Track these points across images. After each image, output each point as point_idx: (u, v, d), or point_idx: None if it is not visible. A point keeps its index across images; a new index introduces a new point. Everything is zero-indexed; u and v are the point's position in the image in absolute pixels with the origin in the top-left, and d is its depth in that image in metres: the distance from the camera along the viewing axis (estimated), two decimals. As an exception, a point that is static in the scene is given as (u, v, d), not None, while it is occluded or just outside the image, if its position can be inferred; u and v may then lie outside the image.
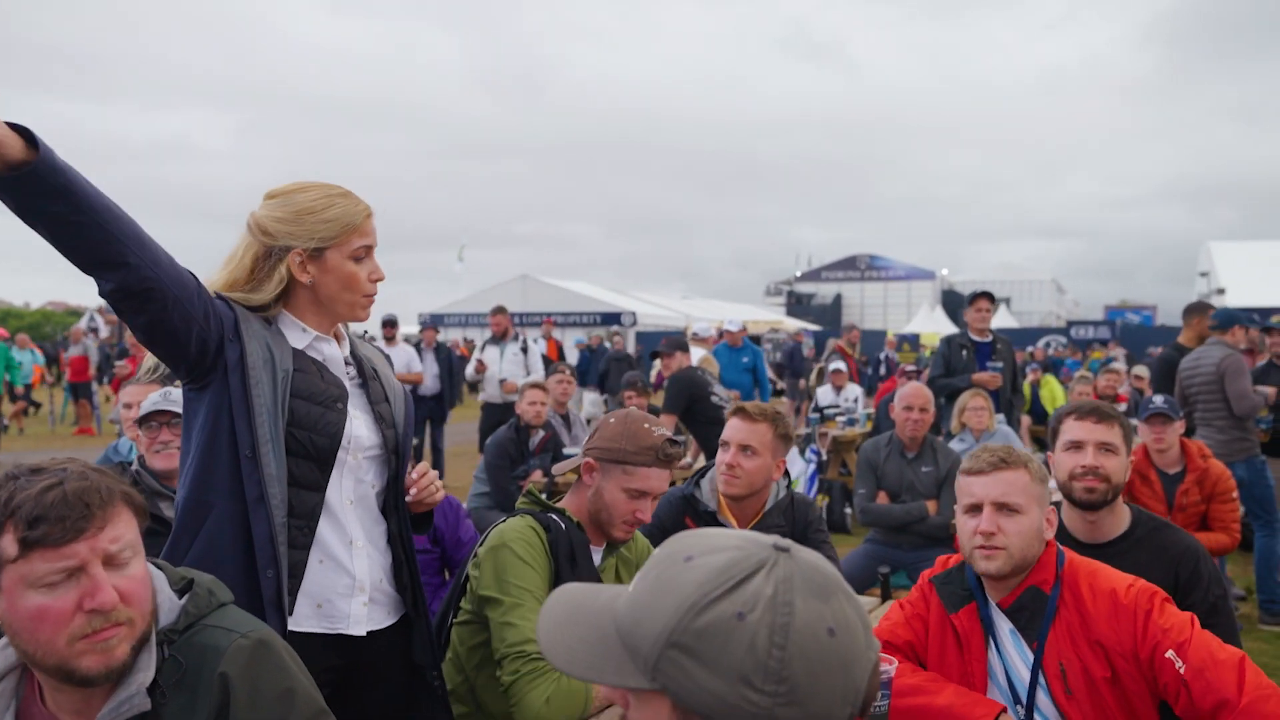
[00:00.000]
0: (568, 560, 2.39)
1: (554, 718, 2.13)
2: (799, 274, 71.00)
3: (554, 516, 2.46)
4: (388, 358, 2.57)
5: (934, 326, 37.79)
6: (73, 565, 1.44)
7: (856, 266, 69.28)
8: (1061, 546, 2.33)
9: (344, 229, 2.12)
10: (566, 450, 6.63)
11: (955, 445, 6.42)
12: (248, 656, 1.61)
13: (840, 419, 9.31)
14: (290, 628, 2.09)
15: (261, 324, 2.12)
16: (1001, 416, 6.78)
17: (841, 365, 10.71)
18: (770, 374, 27.66)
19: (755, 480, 3.07)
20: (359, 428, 2.22)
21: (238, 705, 1.56)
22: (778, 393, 26.43)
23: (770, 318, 39.30)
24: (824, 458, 8.47)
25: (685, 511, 3.19)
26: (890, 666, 2.14)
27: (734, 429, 3.08)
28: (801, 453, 9.38)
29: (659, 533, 3.17)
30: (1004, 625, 2.26)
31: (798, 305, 61.73)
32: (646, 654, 0.95)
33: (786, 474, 3.29)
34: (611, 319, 32.54)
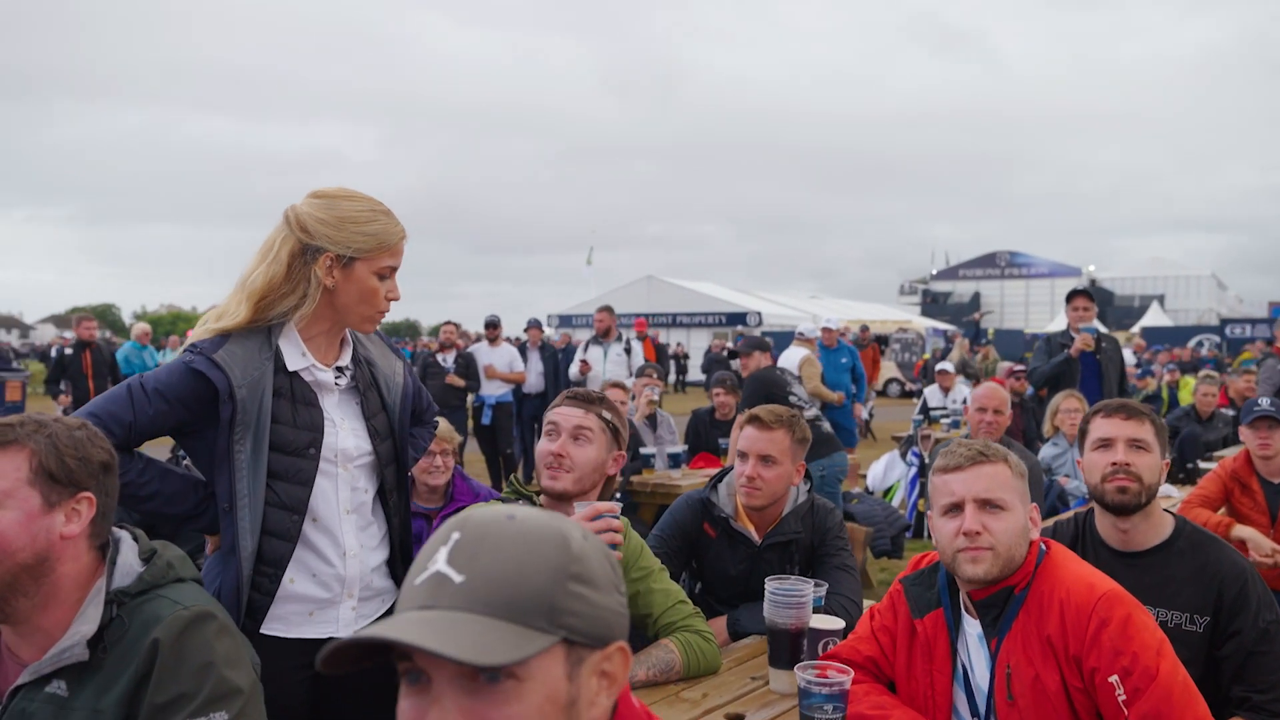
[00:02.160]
0: None
1: None
2: (934, 272, 68.89)
3: (522, 502, 2.46)
4: (466, 356, 2.65)
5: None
6: None
7: (996, 264, 66.73)
8: (1046, 541, 2.13)
9: (379, 245, 2.14)
10: (644, 450, 6.58)
11: (1048, 451, 6.05)
12: (181, 627, 1.68)
13: (945, 420, 8.94)
14: (284, 634, 2.17)
15: (255, 353, 2.12)
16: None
17: (949, 366, 10.29)
18: (898, 375, 27.04)
19: (777, 489, 2.93)
20: (345, 439, 2.23)
21: (159, 670, 1.64)
22: (906, 394, 25.74)
23: (900, 317, 38.22)
24: (927, 460, 8.14)
25: (704, 517, 3.06)
26: (845, 676, 2.01)
27: (750, 438, 2.94)
28: (903, 456, 9.05)
29: (679, 536, 3.07)
30: (972, 628, 2.09)
31: (932, 304, 59.91)
32: (541, 606, 0.99)
33: (808, 476, 3.13)
34: (736, 319, 32.34)
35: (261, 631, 2.13)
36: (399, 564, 2.37)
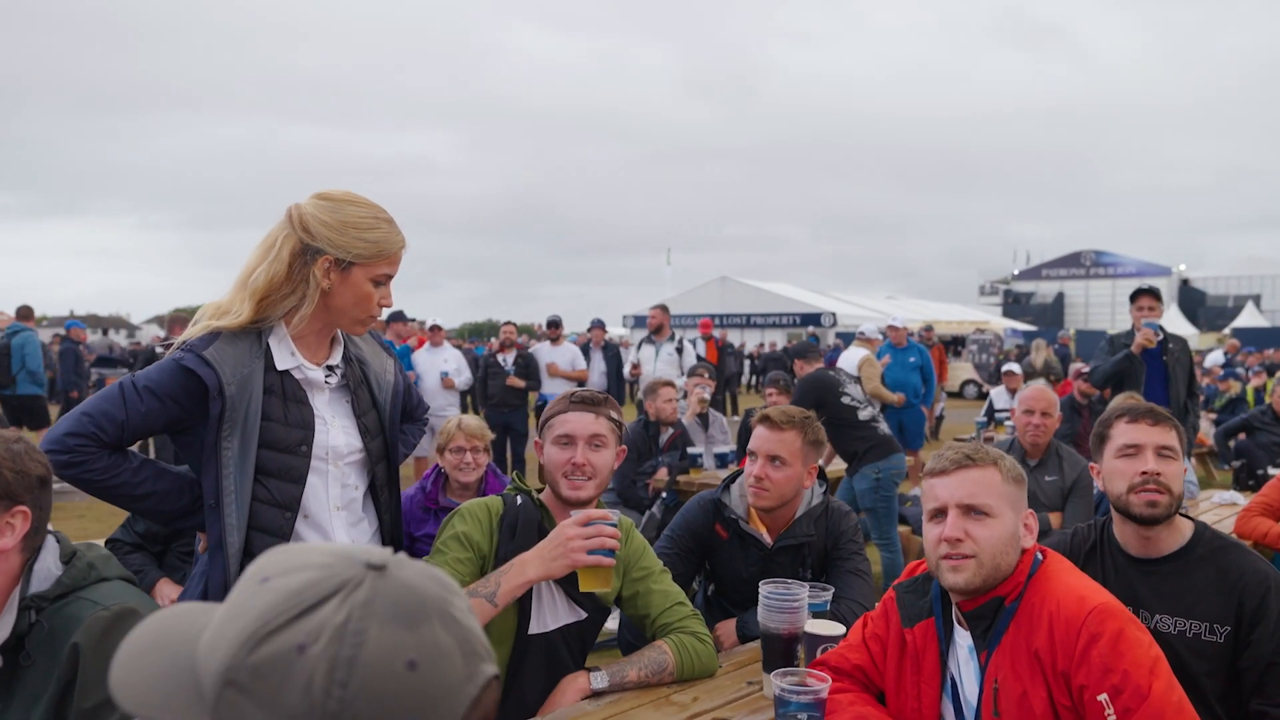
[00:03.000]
0: (509, 532, 2.38)
1: None
2: (1016, 272, 67.01)
3: (520, 498, 2.46)
4: (526, 356, 2.65)
5: (1169, 326, 34.58)
6: None
7: (1081, 263, 64.62)
8: (1044, 550, 2.02)
9: (378, 253, 2.14)
10: (692, 450, 6.51)
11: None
12: (102, 628, 1.64)
13: (1009, 423, 8.67)
14: None
15: (246, 353, 2.12)
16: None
17: (1015, 367, 9.97)
18: (975, 376, 26.34)
19: (785, 491, 2.86)
20: (335, 437, 2.23)
21: (83, 675, 1.60)
22: (982, 395, 25.03)
23: (979, 317, 37.28)
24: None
25: (715, 519, 3.01)
26: (822, 685, 1.93)
27: (760, 438, 2.87)
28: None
29: (689, 536, 3.02)
30: (963, 640, 1.99)
31: (1014, 305, 58.32)
32: (207, 694, 0.81)
33: (823, 479, 3.05)
34: (811, 319, 31.93)
35: None
36: None
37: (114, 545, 3.37)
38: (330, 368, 2.27)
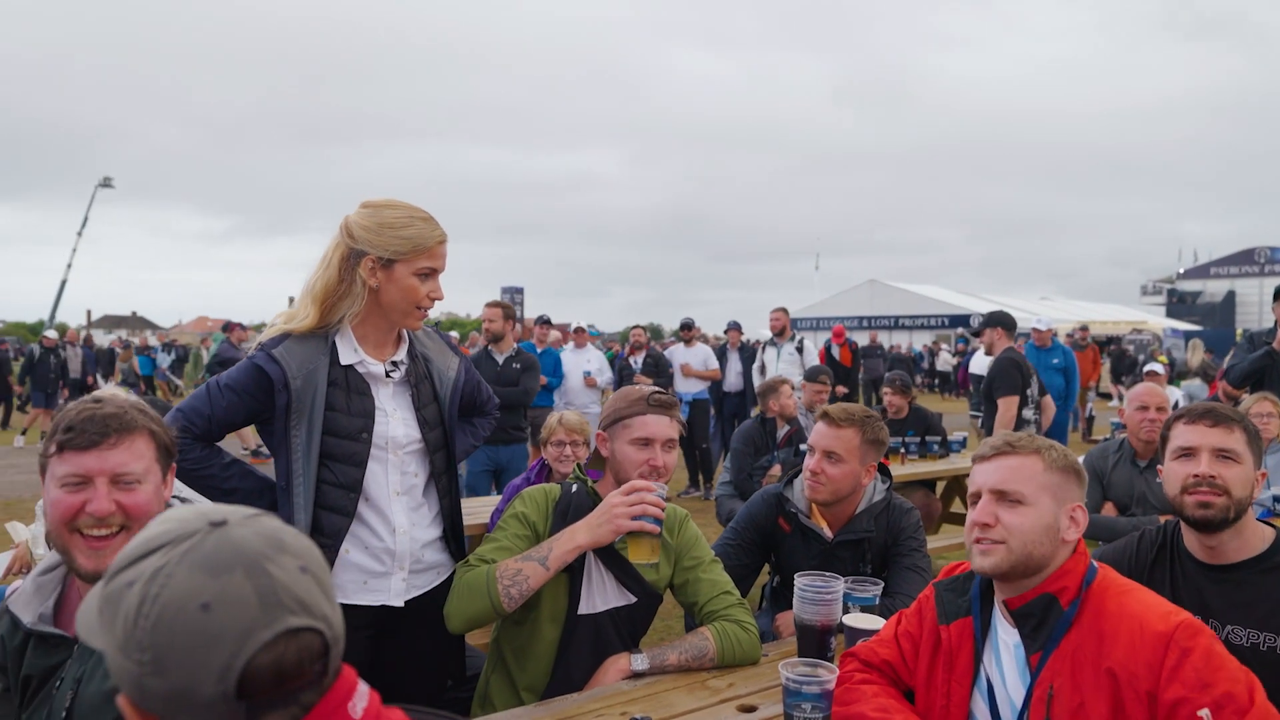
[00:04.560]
0: (561, 516, 2.40)
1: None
2: (1181, 271, 62.11)
3: (575, 486, 2.49)
4: (656, 356, 2.71)
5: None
6: (82, 475, 1.67)
7: (1254, 260, 59.21)
8: (1097, 563, 1.86)
9: (414, 248, 2.22)
10: (804, 447, 6.36)
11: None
12: None
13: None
14: (341, 601, 2.25)
15: (313, 350, 2.24)
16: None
17: (1158, 367, 9.26)
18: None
19: (841, 487, 2.76)
20: (395, 428, 2.32)
21: None
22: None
23: (1138, 318, 34.82)
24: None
25: (778, 512, 2.94)
26: (829, 676, 1.86)
27: (818, 433, 2.79)
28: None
29: (752, 528, 2.97)
30: (1009, 637, 1.86)
31: (1179, 304, 54.07)
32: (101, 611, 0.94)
33: (887, 476, 2.92)
34: (959, 321, 30.72)
35: None
36: (451, 540, 2.44)
37: None
38: (394, 363, 2.35)
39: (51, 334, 16.34)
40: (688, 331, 10.20)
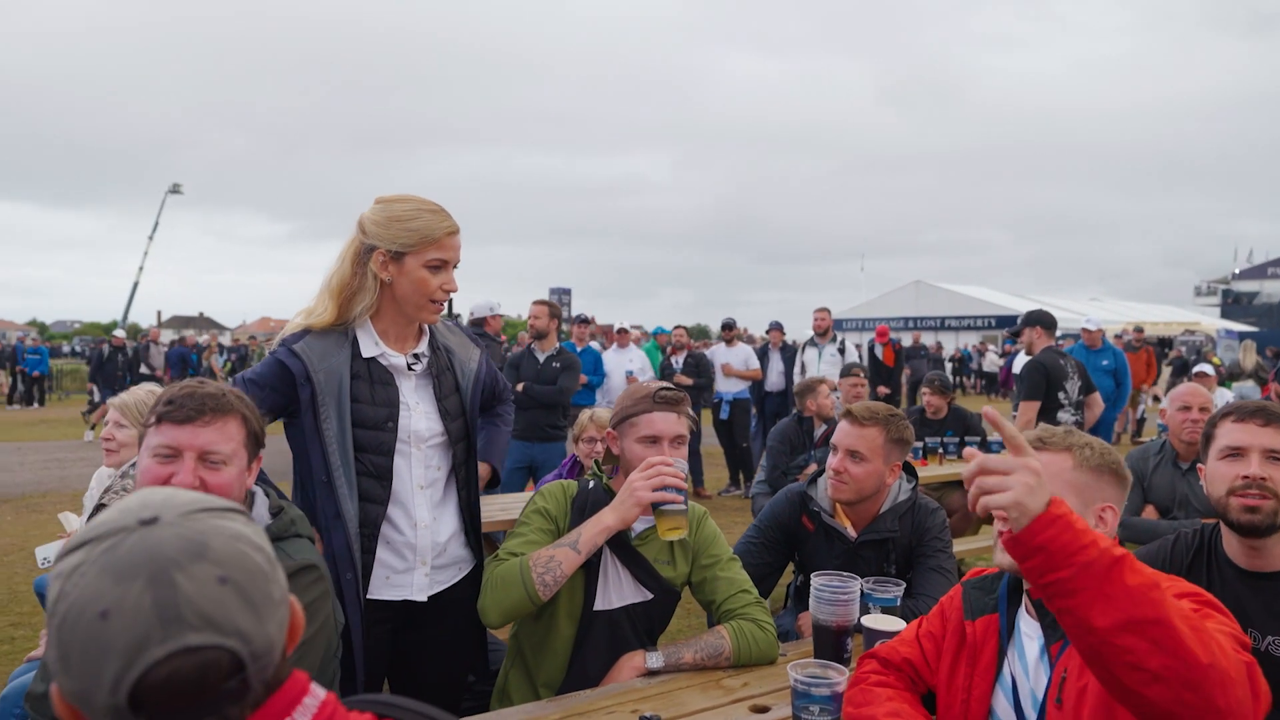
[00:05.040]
0: (578, 512, 2.37)
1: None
2: (1237, 271, 60.16)
3: (592, 483, 2.45)
4: (697, 356, 2.71)
5: None
6: (173, 447, 1.75)
7: (1314, 261, 57.22)
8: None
9: (421, 240, 2.21)
10: (841, 446, 6.25)
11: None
12: (288, 575, 1.78)
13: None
14: (368, 596, 2.27)
15: (333, 345, 2.24)
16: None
17: (1208, 368, 8.95)
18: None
19: (864, 486, 2.68)
20: (418, 421, 2.31)
21: None
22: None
23: (1191, 319, 33.80)
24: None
25: (802, 511, 2.87)
26: (840, 679, 1.80)
27: (842, 432, 2.72)
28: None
29: (775, 526, 2.90)
30: (1033, 632, 1.79)
31: (1234, 305, 52.38)
32: None
33: (913, 476, 2.83)
34: (1005, 322, 30.09)
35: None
36: (469, 533, 2.42)
37: None
38: (415, 355, 2.34)
39: (120, 333, 16.84)
40: (729, 332, 10.13)
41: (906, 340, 21.90)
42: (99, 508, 2.96)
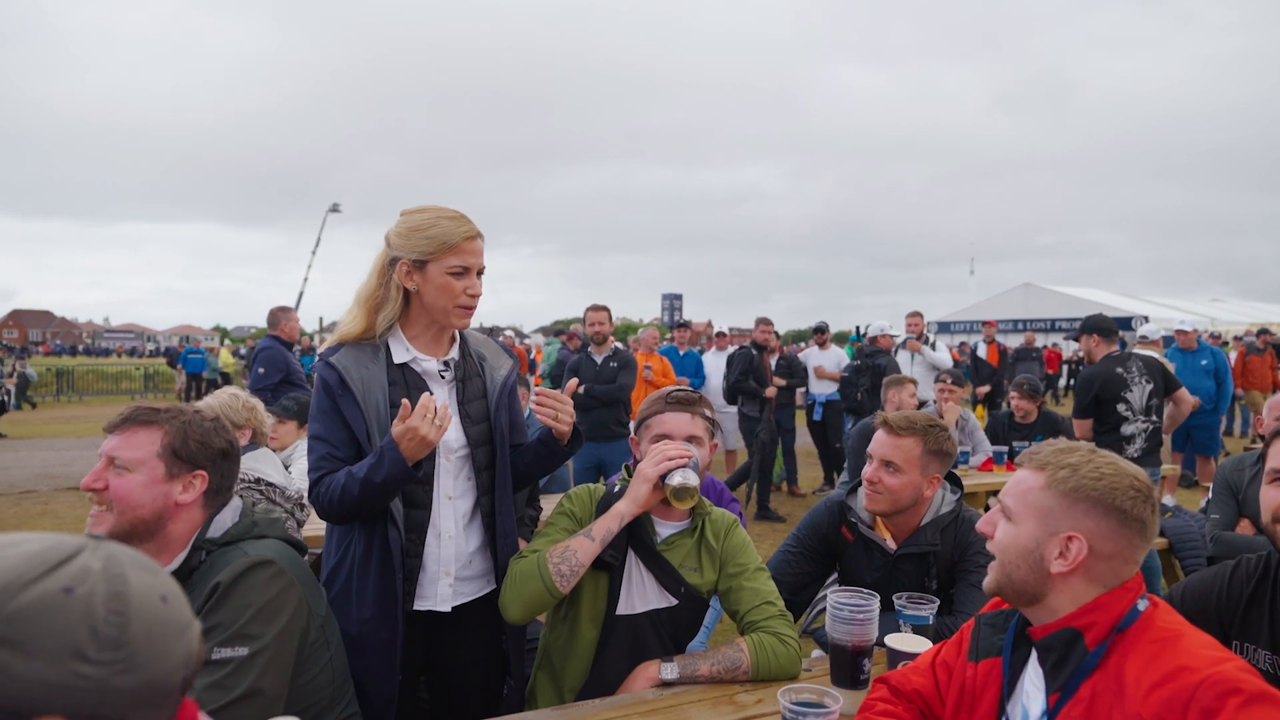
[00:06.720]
0: (602, 512, 2.24)
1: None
2: (1377, 270, 54.59)
3: (619, 486, 2.32)
4: (789, 358, 2.61)
5: None
6: (103, 455, 1.81)
7: None
8: (1154, 600, 1.50)
9: (440, 246, 2.14)
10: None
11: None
12: (239, 571, 1.76)
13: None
14: None
15: (368, 356, 2.17)
16: None
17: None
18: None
19: (900, 498, 2.45)
20: (448, 432, 2.20)
21: (212, 604, 1.73)
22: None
23: (1322, 319, 30.82)
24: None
25: (841, 521, 2.65)
26: (835, 705, 1.63)
27: (877, 442, 2.50)
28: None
29: (814, 536, 2.70)
30: (1037, 673, 1.54)
31: (1373, 305, 47.57)
32: None
33: (959, 487, 2.58)
34: (1120, 324, 28.21)
35: None
36: (494, 543, 2.31)
37: None
38: (446, 362, 2.27)
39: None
40: (821, 335, 9.83)
41: (1015, 342, 20.76)
42: None
